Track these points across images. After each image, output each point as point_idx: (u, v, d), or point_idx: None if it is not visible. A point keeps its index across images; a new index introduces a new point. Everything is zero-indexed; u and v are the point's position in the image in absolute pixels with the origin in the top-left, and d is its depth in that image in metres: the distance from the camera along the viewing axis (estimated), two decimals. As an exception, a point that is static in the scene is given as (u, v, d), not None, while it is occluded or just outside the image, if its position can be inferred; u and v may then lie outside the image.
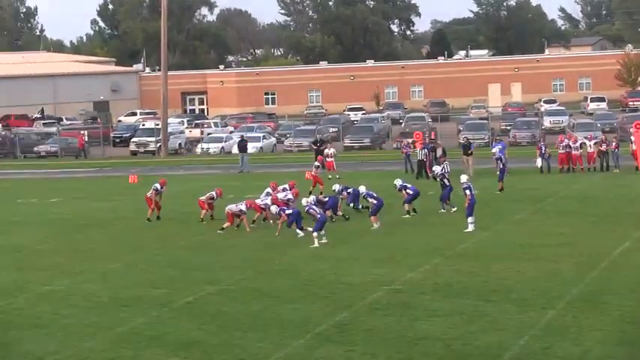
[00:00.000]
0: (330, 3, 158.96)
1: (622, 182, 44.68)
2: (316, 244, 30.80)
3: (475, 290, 23.98)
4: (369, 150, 69.21)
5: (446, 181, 36.93)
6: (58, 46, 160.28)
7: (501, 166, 43.43)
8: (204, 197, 36.41)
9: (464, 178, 33.85)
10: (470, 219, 32.53)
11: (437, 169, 38.70)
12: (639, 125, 52.12)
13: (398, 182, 36.21)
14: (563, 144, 50.34)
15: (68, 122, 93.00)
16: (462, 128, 71.11)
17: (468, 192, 32.71)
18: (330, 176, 49.04)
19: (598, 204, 37.70)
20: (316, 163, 45.37)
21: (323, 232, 31.36)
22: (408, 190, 35.80)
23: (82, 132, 79.71)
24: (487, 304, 22.54)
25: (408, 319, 21.55)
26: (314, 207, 32.22)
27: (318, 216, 31.51)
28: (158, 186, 38.05)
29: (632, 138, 51.13)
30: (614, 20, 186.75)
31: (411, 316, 21.85)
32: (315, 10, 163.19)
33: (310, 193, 38.10)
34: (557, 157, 50.28)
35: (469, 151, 50.50)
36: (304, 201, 33.04)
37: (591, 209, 36.28)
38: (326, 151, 52.88)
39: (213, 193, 36.43)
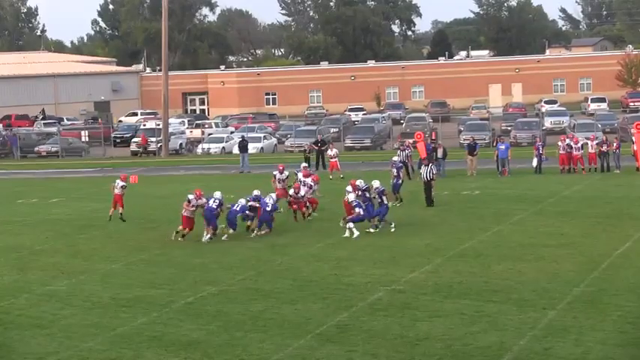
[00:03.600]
0: (331, 3, 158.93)
1: (622, 183, 44.70)
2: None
3: (476, 291, 23.99)
4: (369, 150, 69.25)
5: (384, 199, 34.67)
6: (58, 47, 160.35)
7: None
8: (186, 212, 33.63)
9: (376, 183, 33.68)
10: (351, 224, 32.49)
11: (375, 183, 34.68)
12: (640, 126, 52.18)
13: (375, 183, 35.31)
14: (564, 144, 50.39)
15: (69, 122, 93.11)
16: (462, 129, 71.16)
17: (380, 199, 33.05)
18: (331, 177, 49.06)
19: (598, 205, 37.68)
20: (304, 164, 44.07)
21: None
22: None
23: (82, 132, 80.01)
24: (488, 305, 22.54)
25: (409, 320, 21.56)
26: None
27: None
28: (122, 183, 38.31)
29: (633, 138, 51.18)
30: (615, 21, 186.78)
31: (412, 316, 21.86)
32: (316, 11, 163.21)
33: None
34: (558, 157, 50.35)
35: (474, 152, 50.61)
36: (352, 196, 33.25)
37: (592, 210, 36.28)
38: (329, 152, 52.86)
39: (191, 196, 33.68)
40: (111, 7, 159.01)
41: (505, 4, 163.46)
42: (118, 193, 37.94)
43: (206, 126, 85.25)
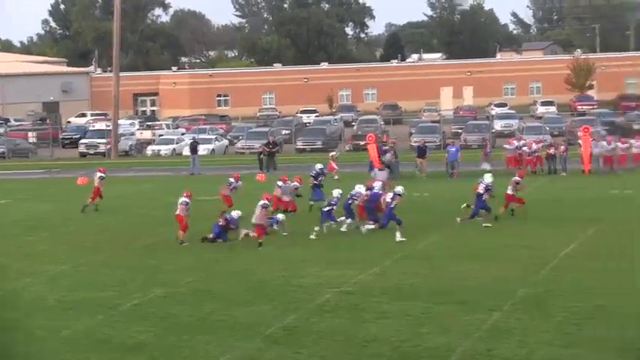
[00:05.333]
0: (285, 5, 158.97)
1: (569, 185, 45.21)
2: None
3: (424, 292, 24.12)
4: (321, 152, 69.28)
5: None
6: (7, 46, 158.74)
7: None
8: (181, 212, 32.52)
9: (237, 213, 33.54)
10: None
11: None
12: (587, 129, 52.80)
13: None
14: (514, 146, 50.88)
15: (16, 123, 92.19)
16: (414, 131, 71.50)
17: None
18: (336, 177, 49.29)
19: (546, 207, 38.02)
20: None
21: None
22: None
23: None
24: (435, 306, 22.68)
25: (357, 321, 21.65)
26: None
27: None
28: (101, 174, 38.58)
29: (580, 142, 51.76)
30: (565, 25, 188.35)
31: (360, 318, 21.95)
32: (270, 12, 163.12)
33: (223, 212, 37.27)
34: (505, 159, 50.85)
35: (425, 155, 50.91)
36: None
37: (539, 212, 36.51)
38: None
39: (186, 199, 32.75)
40: (62, 6, 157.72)
41: (457, 9, 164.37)
42: (97, 185, 38.07)
43: (156, 127, 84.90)
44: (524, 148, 50.81)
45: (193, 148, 58.97)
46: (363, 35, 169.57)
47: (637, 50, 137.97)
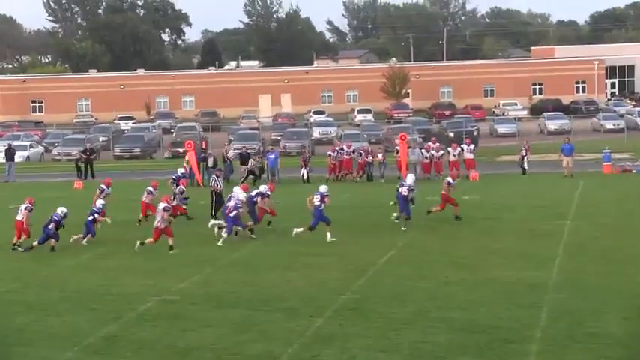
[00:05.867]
0: (100, 10, 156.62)
1: (387, 192, 45.89)
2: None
3: (245, 300, 24.14)
4: (139, 160, 68.61)
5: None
6: None
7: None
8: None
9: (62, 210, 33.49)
10: None
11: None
12: (404, 137, 53.90)
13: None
14: (335, 153, 51.64)
15: None
16: (232, 138, 71.53)
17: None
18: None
19: (365, 213, 38.61)
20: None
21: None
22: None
23: None
24: (257, 314, 22.73)
25: (179, 330, 21.49)
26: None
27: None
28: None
29: (397, 149, 52.81)
30: (380, 34, 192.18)
31: (182, 326, 21.80)
32: (84, 17, 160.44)
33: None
34: (328, 166, 51.55)
35: (247, 162, 51.04)
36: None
37: (360, 218, 37.10)
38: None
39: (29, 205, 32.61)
40: None
41: (274, 16, 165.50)
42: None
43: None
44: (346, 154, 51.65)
45: (10, 156, 57.43)
46: (179, 42, 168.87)
47: (450, 60, 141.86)
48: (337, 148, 52.52)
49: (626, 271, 26.39)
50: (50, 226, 31.83)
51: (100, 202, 34.38)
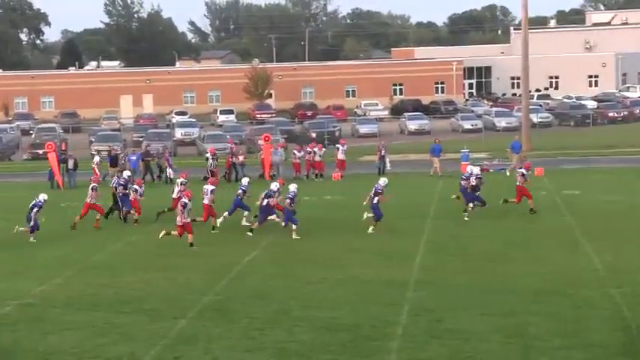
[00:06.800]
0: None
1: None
2: None
3: (106, 302, 23.90)
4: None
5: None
6: None
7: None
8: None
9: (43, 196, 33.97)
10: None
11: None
12: (268, 137, 54.05)
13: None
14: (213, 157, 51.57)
15: None
16: (93, 139, 70.63)
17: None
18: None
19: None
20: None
21: None
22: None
23: None
24: (119, 316, 22.53)
25: (39, 334, 21.15)
26: None
27: None
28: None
29: (261, 149, 52.94)
30: (242, 35, 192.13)
31: (42, 330, 21.46)
32: None
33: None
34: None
35: (116, 164, 50.53)
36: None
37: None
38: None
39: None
40: None
41: (135, 16, 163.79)
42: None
43: None
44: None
45: None
46: (38, 42, 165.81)
47: (312, 60, 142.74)
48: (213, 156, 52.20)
49: (484, 268, 27.03)
50: None
51: None
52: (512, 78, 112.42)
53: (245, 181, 36.63)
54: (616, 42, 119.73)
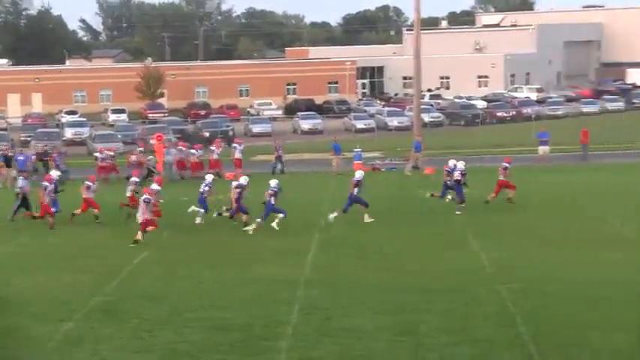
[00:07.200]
0: None
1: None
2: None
3: (-8, 305, 23.42)
4: None
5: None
6: None
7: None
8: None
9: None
10: None
11: None
12: (161, 137, 53.65)
13: None
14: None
15: None
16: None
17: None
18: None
19: (121, 214, 37.89)
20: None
21: None
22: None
23: None
24: (3, 319, 22.05)
25: None
26: None
27: None
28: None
29: (154, 149, 52.60)
30: (135, 33, 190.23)
31: None
32: None
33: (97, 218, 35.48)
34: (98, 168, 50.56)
35: (10, 164, 50.39)
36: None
37: (111, 218, 36.35)
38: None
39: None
40: None
41: (24, 13, 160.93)
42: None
43: None
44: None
45: None
46: None
47: (206, 60, 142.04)
48: (101, 155, 51.63)
49: (379, 266, 27.18)
50: None
51: None
52: (405, 78, 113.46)
53: (209, 177, 37.09)
54: (505, 43, 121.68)
